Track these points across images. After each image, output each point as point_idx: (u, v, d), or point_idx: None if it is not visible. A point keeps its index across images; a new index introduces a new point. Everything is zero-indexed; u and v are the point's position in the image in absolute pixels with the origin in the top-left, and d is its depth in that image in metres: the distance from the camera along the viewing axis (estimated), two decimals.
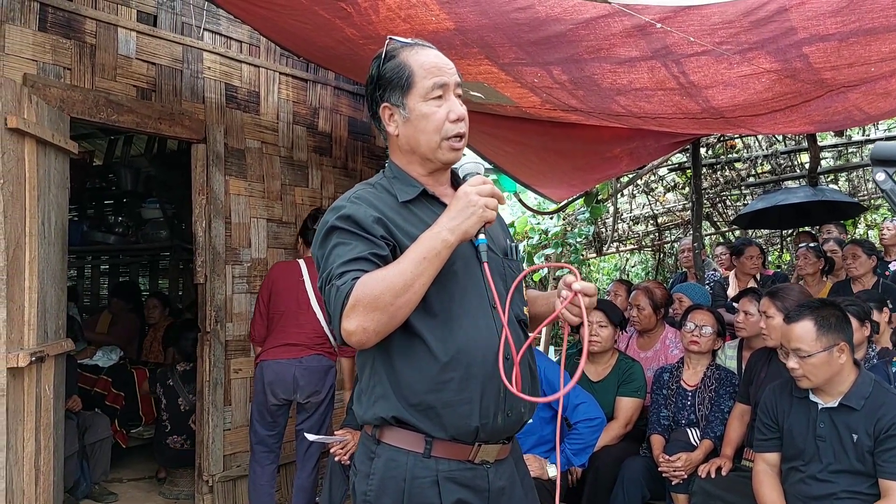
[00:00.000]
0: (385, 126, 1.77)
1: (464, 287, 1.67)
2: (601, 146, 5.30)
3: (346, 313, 1.50)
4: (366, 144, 5.78)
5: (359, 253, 1.57)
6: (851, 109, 3.33)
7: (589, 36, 2.91)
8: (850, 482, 2.63)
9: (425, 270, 1.53)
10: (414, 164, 1.77)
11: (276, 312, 4.18)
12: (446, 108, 1.70)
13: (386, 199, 1.71)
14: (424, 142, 1.72)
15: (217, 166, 4.58)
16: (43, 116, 3.34)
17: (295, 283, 4.20)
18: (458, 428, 1.64)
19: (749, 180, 9.63)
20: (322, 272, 1.62)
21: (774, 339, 3.32)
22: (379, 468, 1.67)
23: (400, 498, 1.64)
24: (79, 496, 4.72)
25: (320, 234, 1.67)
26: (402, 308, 1.52)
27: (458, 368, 1.63)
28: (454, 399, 1.63)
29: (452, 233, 1.55)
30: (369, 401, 1.71)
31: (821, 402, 2.73)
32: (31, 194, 3.21)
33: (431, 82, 1.70)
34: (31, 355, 3.08)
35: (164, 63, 4.33)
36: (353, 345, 1.56)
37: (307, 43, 3.97)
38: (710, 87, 3.24)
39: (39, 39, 3.70)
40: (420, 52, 1.75)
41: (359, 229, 1.61)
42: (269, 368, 4.10)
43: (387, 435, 1.68)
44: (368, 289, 1.49)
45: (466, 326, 1.65)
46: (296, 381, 4.11)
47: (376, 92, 1.77)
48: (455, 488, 1.65)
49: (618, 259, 13.32)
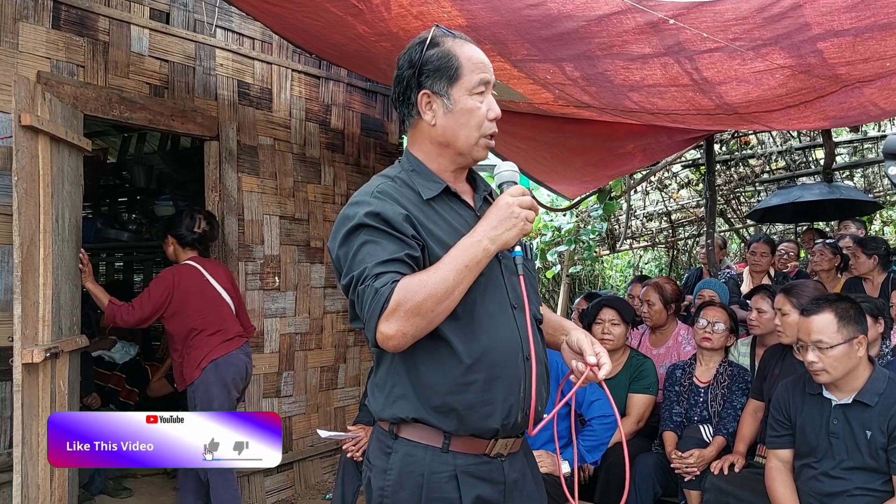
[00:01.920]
0: (421, 113, 1.70)
1: (485, 288, 1.65)
2: (614, 142, 5.28)
3: (385, 316, 1.48)
4: (378, 141, 5.79)
5: (393, 254, 1.53)
6: (867, 105, 3.30)
7: (601, 32, 2.90)
8: (864, 479, 2.62)
9: (465, 278, 1.53)
10: (444, 157, 1.73)
11: (198, 314, 4.02)
12: (486, 106, 1.69)
13: (408, 194, 1.66)
14: (464, 136, 1.68)
15: (230, 163, 4.60)
16: (56, 114, 3.37)
17: (201, 283, 4.09)
18: (479, 427, 1.64)
19: (763, 177, 9.56)
20: (349, 271, 1.57)
21: (790, 336, 3.30)
22: (396, 463, 1.66)
23: (418, 492, 1.63)
24: (93, 492, 4.75)
25: (342, 229, 1.61)
26: (440, 315, 1.52)
27: (482, 370, 1.61)
28: (477, 401, 1.62)
29: (493, 242, 1.55)
30: (387, 399, 1.68)
31: (834, 399, 2.71)
32: (44, 191, 3.23)
33: (479, 77, 1.68)
34: (46, 351, 3.10)
35: (176, 60, 4.35)
36: (389, 349, 1.53)
37: (319, 40, 3.98)
38: (724, 84, 3.22)
39: (53, 37, 3.73)
40: (465, 45, 1.72)
41: (390, 228, 1.56)
42: (227, 363, 4.02)
43: (404, 430, 1.67)
44: (410, 294, 1.47)
45: (489, 328, 1.64)
46: (247, 369, 4.14)
47: (415, 77, 1.69)
48: (473, 482, 1.65)
49: (631, 256, 13.27)
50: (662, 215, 11.28)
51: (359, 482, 3.89)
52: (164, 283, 3.99)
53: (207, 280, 4.10)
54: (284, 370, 4.98)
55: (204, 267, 4.12)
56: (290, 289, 5.03)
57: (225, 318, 4.11)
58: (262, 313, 4.81)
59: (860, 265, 5.05)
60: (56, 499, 3.28)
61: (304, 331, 5.14)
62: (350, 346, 5.51)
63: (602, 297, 4.57)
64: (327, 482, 5.14)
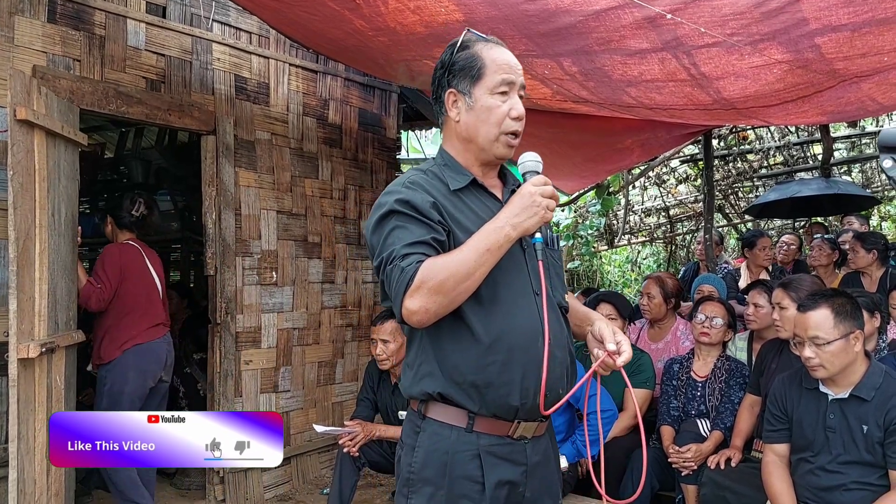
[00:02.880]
0: (447, 110, 1.83)
1: (508, 274, 1.74)
2: (612, 137, 5.28)
3: (409, 293, 1.58)
4: (376, 136, 5.78)
5: (420, 237, 1.64)
6: (864, 99, 3.30)
7: (599, 28, 2.89)
8: (860, 473, 2.62)
9: (487, 261, 1.62)
10: (469, 152, 1.84)
11: (132, 295, 4.03)
12: (509, 105, 1.78)
13: (437, 185, 1.78)
14: (483, 132, 1.79)
15: (227, 158, 4.59)
16: (52, 108, 3.36)
17: (142, 265, 4.15)
18: (499, 406, 1.72)
19: (761, 172, 9.56)
20: (380, 253, 1.68)
21: (788, 331, 3.30)
22: (424, 441, 1.76)
23: (443, 470, 1.73)
24: (91, 486, 4.75)
25: (375, 215, 1.73)
26: (462, 294, 1.61)
27: (501, 351, 1.70)
28: (496, 380, 1.71)
29: (515, 229, 1.64)
30: (416, 376, 1.79)
31: (831, 393, 2.71)
32: (40, 186, 3.22)
33: (500, 78, 1.77)
34: (42, 346, 3.10)
35: (173, 54, 4.34)
36: (413, 324, 1.63)
37: (316, 35, 3.97)
38: (722, 79, 3.21)
39: (49, 31, 3.72)
40: (494, 49, 1.82)
41: (418, 213, 1.68)
42: (150, 350, 4.02)
43: (431, 410, 1.77)
44: (434, 273, 1.57)
45: (510, 312, 1.73)
46: (166, 359, 4.14)
47: (445, 76, 1.83)
48: (496, 461, 1.74)
49: (629, 251, 13.27)
50: (660, 210, 11.29)
51: (356, 477, 3.89)
52: (113, 257, 4.02)
53: (146, 262, 4.16)
54: (282, 365, 4.98)
55: (143, 250, 4.20)
56: (288, 284, 5.03)
57: (154, 303, 4.16)
58: (259, 308, 4.81)
59: (859, 259, 5.06)
60: (52, 493, 3.29)
61: (302, 326, 5.13)
62: (348, 341, 5.51)
63: (599, 292, 4.58)
64: (325, 477, 5.15)
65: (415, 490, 1.76)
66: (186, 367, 5.23)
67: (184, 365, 5.26)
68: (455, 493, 1.73)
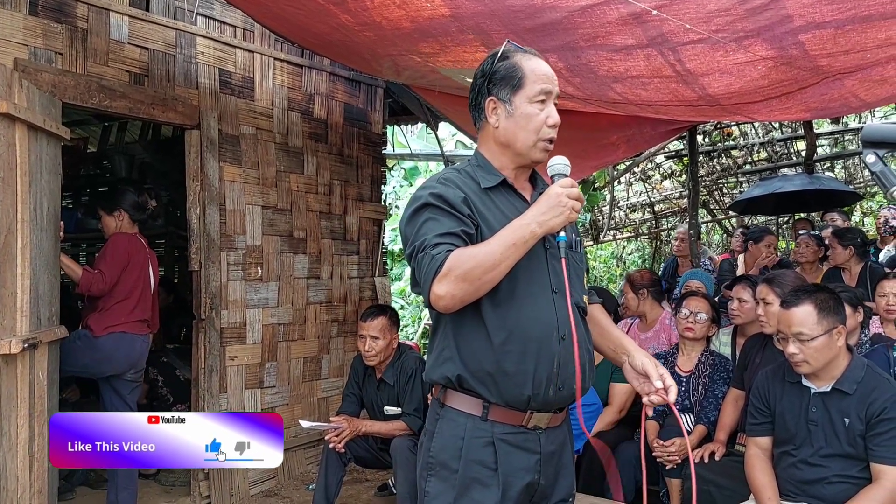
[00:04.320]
0: (487, 117, 1.93)
1: (528, 272, 1.82)
2: (598, 133, 5.29)
3: (438, 279, 1.68)
4: (362, 131, 5.77)
5: (451, 228, 1.75)
6: (847, 96, 3.32)
7: (585, 24, 2.89)
8: (842, 466, 2.64)
9: (512, 255, 1.71)
10: (505, 156, 1.95)
11: (130, 285, 4.05)
12: (546, 113, 1.89)
13: (469, 183, 1.89)
14: (522, 138, 1.89)
15: (211, 152, 4.56)
16: (34, 101, 3.32)
17: (143, 261, 4.17)
18: (513, 396, 1.82)
19: (745, 168, 9.63)
20: (412, 242, 1.79)
21: (773, 326, 3.32)
22: (442, 428, 1.88)
23: (458, 454, 1.84)
24: (74, 483, 4.72)
25: (410, 208, 1.84)
26: (486, 283, 1.70)
27: (516, 343, 1.80)
28: (510, 370, 1.80)
29: (541, 226, 1.73)
30: (437, 361, 1.89)
31: (813, 387, 2.73)
32: (22, 180, 3.18)
33: (539, 87, 1.88)
34: (24, 342, 3.07)
35: (156, 48, 4.30)
36: (440, 308, 1.72)
37: (301, 30, 3.94)
38: (707, 75, 3.22)
39: (30, 24, 3.68)
40: (532, 59, 1.93)
41: (450, 207, 1.79)
42: (130, 343, 4.03)
43: (449, 398, 1.88)
44: (462, 262, 1.67)
45: (527, 306, 1.82)
46: (140, 358, 4.12)
47: (486, 85, 1.93)
48: (509, 449, 1.84)
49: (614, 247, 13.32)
50: (646, 206, 11.34)
51: (342, 472, 3.89)
52: (121, 246, 4.05)
53: (147, 258, 4.21)
54: (268, 361, 4.96)
55: (146, 246, 4.25)
56: (273, 279, 5.01)
57: (145, 300, 4.18)
58: (244, 304, 4.79)
59: (837, 256, 5.17)
60: (35, 490, 3.26)
61: (288, 321, 5.12)
62: (334, 336, 5.50)
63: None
64: (311, 472, 5.14)
65: (433, 473, 1.88)
66: (163, 357, 5.20)
67: (160, 355, 5.23)
68: (469, 476, 1.83)
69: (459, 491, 1.83)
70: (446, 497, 1.85)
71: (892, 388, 2.62)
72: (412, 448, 3.65)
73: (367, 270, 5.84)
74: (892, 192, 1.40)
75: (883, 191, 1.39)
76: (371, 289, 5.87)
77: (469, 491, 1.83)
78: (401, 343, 4.05)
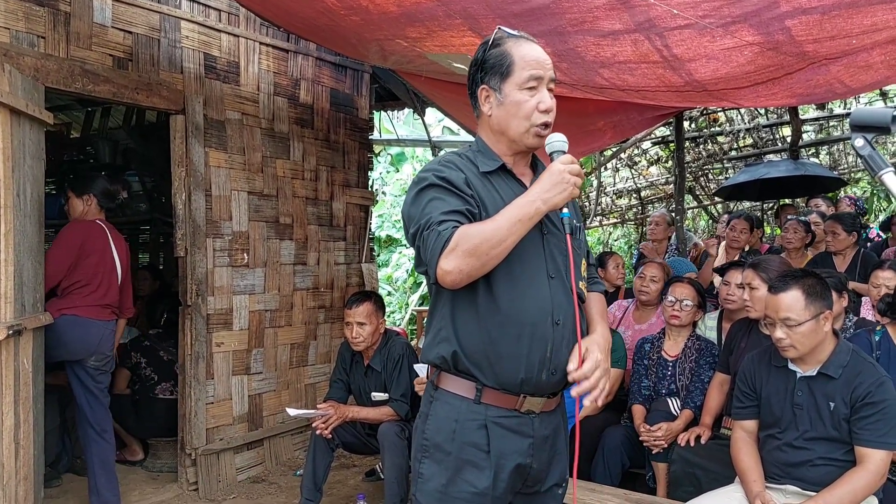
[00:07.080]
0: (480, 105, 1.96)
1: (525, 256, 1.84)
2: (585, 119, 5.29)
3: (445, 254, 1.70)
4: (348, 116, 5.74)
5: (456, 207, 1.78)
6: (833, 82, 3.33)
7: (572, 8, 2.88)
8: (826, 449, 2.67)
9: (517, 231, 1.72)
10: (501, 143, 1.96)
11: (87, 273, 4.01)
12: (537, 99, 1.88)
13: (470, 167, 1.92)
14: (514, 126, 1.91)
15: (196, 138, 4.53)
16: (16, 86, 3.28)
17: (104, 246, 4.11)
18: (505, 378, 1.84)
19: (731, 154, 9.66)
20: (417, 221, 1.80)
21: (759, 311, 3.34)
22: (436, 410, 1.92)
23: (451, 437, 1.87)
24: (60, 470, 4.71)
25: (414, 189, 1.86)
26: (492, 259, 1.71)
27: (511, 326, 1.82)
28: (504, 352, 1.83)
29: (545, 203, 1.75)
30: (433, 340, 1.92)
31: (799, 371, 2.75)
32: (4, 165, 3.15)
33: (528, 73, 1.88)
34: (9, 329, 3.05)
35: (140, 32, 4.25)
36: (447, 284, 1.74)
37: (287, 13, 3.91)
38: (693, 61, 3.22)
39: (12, 6, 3.62)
40: (523, 45, 1.92)
41: (453, 187, 1.82)
42: (85, 327, 3.97)
43: (443, 381, 1.92)
44: (469, 237, 1.69)
45: (523, 290, 1.84)
46: (100, 344, 4.05)
47: (478, 74, 1.95)
48: (501, 432, 1.87)
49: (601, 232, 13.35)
50: (632, 192, 11.36)
51: (330, 458, 3.90)
52: (71, 235, 4.00)
53: (109, 243, 4.13)
54: (254, 347, 4.96)
55: (110, 232, 4.16)
56: (260, 265, 4.99)
57: (111, 287, 4.13)
58: (230, 290, 4.77)
59: (839, 242, 5.11)
60: (21, 477, 3.25)
61: (274, 308, 5.11)
62: (321, 322, 5.50)
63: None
64: (298, 458, 5.15)
65: (427, 455, 1.91)
66: (145, 341, 5.17)
67: (142, 339, 5.20)
68: (462, 458, 1.86)
69: (453, 472, 1.86)
70: (440, 479, 1.88)
71: (877, 372, 2.65)
72: (399, 434, 3.66)
73: (353, 256, 5.83)
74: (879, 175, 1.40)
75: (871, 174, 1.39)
76: (358, 275, 5.86)
77: (462, 472, 1.86)
78: (388, 329, 4.05)
